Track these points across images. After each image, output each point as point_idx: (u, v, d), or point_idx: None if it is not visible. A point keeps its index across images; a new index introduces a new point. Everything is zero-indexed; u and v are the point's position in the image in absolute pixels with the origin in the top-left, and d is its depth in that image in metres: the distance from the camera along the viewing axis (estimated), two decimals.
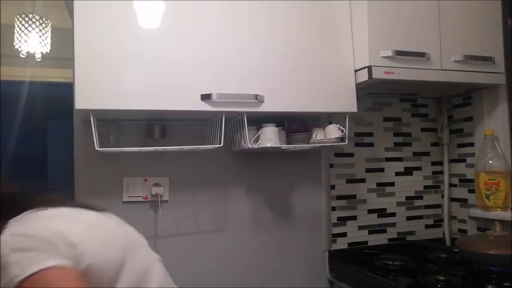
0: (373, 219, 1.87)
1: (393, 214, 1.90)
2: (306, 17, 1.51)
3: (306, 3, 1.51)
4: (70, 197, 1.57)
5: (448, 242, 1.91)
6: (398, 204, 1.92)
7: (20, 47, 2.64)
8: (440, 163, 1.98)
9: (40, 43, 2.66)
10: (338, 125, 1.56)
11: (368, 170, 1.87)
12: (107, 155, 1.48)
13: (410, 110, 1.96)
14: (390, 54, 1.48)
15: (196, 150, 1.52)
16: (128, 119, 1.54)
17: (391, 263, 1.51)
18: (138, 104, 1.32)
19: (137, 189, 1.55)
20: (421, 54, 1.52)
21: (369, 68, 1.48)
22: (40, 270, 0.53)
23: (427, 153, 1.98)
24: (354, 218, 1.83)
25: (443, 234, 1.96)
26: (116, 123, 1.52)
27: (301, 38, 1.50)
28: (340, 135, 1.55)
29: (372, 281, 1.43)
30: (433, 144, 1.99)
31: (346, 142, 1.56)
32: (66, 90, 2.00)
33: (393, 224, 1.90)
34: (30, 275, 0.53)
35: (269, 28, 1.47)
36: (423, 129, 1.98)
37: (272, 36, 1.47)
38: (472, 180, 1.80)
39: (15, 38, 2.63)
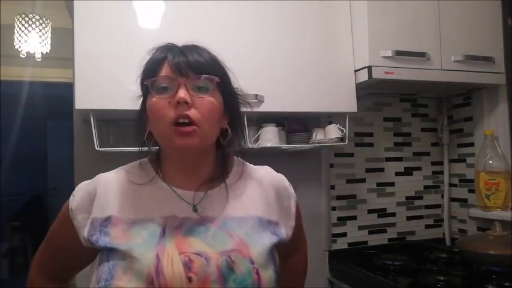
0: (373, 219, 1.87)
1: (393, 214, 1.90)
2: (306, 18, 1.51)
3: (306, 4, 1.51)
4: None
5: (448, 242, 1.91)
6: (398, 204, 1.92)
7: (20, 47, 2.64)
8: (440, 163, 1.98)
9: (40, 43, 2.66)
10: (338, 125, 1.56)
11: (368, 170, 1.87)
12: (107, 155, 1.47)
13: (410, 110, 1.96)
14: (390, 54, 1.49)
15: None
16: (128, 119, 1.54)
17: (391, 263, 1.51)
18: (138, 104, 1.31)
19: None
20: (421, 54, 1.52)
21: (369, 68, 1.48)
22: None
23: (427, 153, 1.98)
24: (354, 218, 1.83)
25: (443, 234, 1.96)
26: (116, 123, 1.51)
27: (301, 38, 1.50)
28: (340, 135, 1.56)
29: (371, 281, 1.43)
30: (433, 144, 1.99)
31: (346, 142, 1.57)
32: (66, 90, 2.01)
33: (393, 224, 1.90)
34: None
35: (269, 29, 1.47)
36: (423, 129, 1.98)
37: (272, 36, 1.47)
38: (472, 180, 1.80)
39: (15, 38, 2.63)
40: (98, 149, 1.33)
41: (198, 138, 0.74)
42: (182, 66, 0.75)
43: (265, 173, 0.89)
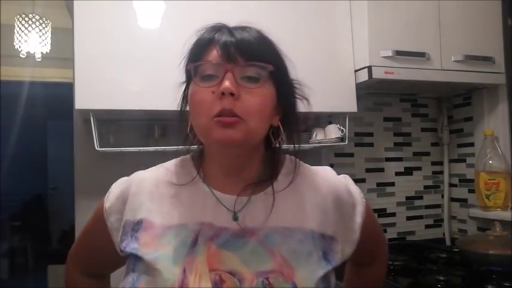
0: None
1: (393, 214, 1.90)
2: (306, 17, 1.51)
3: (306, 4, 1.51)
4: (70, 197, 1.57)
5: (448, 242, 1.91)
6: (399, 204, 1.92)
7: (20, 47, 2.64)
8: (440, 163, 1.98)
9: (40, 43, 2.67)
10: (338, 125, 1.56)
11: (368, 170, 1.87)
12: (107, 155, 1.48)
13: (410, 110, 1.96)
14: (390, 54, 1.48)
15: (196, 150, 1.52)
16: (128, 119, 1.54)
17: (391, 263, 1.51)
18: (138, 104, 1.32)
19: None
20: (421, 54, 1.52)
21: (369, 68, 1.48)
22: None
23: (427, 153, 1.98)
24: None
25: (443, 234, 1.96)
26: (116, 123, 1.52)
27: (301, 39, 1.50)
28: (340, 135, 1.55)
29: None
30: (433, 144, 1.99)
31: (346, 142, 1.57)
32: (66, 90, 2.01)
33: (393, 224, 1.90)
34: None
35: (269, 29, 1.47)
36: (423, 129, 1.98)
37: (272, 36, 1.47)
38: (472, 180, 1.80)
39: (15, 38, 2.64)
40: (98, 149, 1.33)
41: (242, 132, 0.63)
42: (231, 51, 0.65)
43: (323, 176, 0.77)
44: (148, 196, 0.70)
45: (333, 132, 1.55)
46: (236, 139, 0.63)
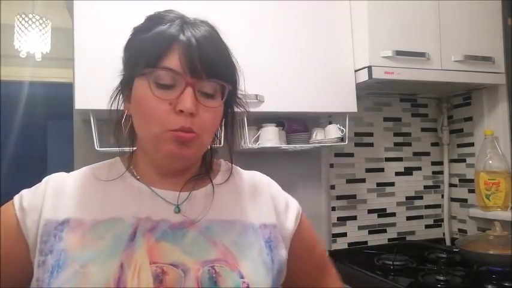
0: (373, 219, 1.87)
1: (393, 214, 1.90)
2: (306, 17, 1.51)
3: (306, 4, 1.51)
4: None
5: (448, 242, 1.91)
6: (398, 204, 1.92)
7: (20, 47, 2.64)
8: (440, 163, 1.98)
9: (40, 43, 2.66)
10: (338, 125, 1.56)
11: (368, 170, 1.87)
12: (107, 155, 1.47)
13: (410, 110, 1.96)
14: (390, 54, 1.49)
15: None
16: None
17: (391, 263, 1.51)
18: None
19: None
20: (421, 54, 1.52)
21: (369, 68, 1.48)
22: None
23: (427, 153, 1.98)
24: (354, 218, 1.83)
25: (443, 234, 1.96)
26: None
27: (301, 38, 1.50)
28: (340, 135, 1.56)
29: (371, 281, 1.43)
30: (433, 144, 1.99)
31: (346, 142, 1.57)
32: (66, 90, 2.00)
33: (393, 224, 1.90)
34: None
35: (269, 28, 1.47)
36: (423, 129, 1.98)
37: (272, 36, 1.47)
38: (472, 180, 1.80)
39: (15, 38, 2.63)
40: (98, 149, 1.33)
41: (195, 148, 0.64)
42: (196, 65, 0.61)
43: (257, 176, 0.80)
44: (72, 194, 0.65)
45: (333, 132, 1.55)
46: (188, 156, 0.64)
